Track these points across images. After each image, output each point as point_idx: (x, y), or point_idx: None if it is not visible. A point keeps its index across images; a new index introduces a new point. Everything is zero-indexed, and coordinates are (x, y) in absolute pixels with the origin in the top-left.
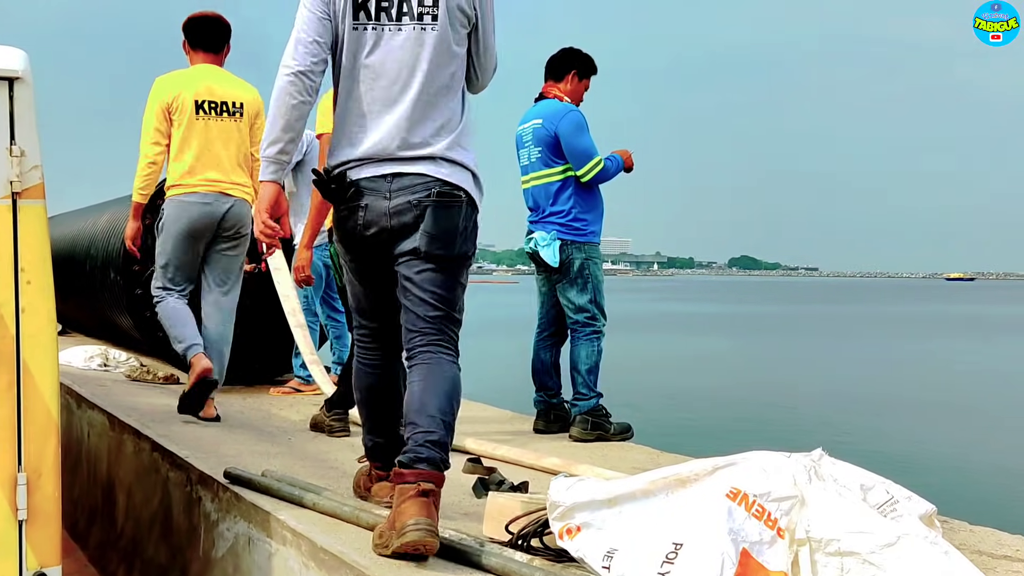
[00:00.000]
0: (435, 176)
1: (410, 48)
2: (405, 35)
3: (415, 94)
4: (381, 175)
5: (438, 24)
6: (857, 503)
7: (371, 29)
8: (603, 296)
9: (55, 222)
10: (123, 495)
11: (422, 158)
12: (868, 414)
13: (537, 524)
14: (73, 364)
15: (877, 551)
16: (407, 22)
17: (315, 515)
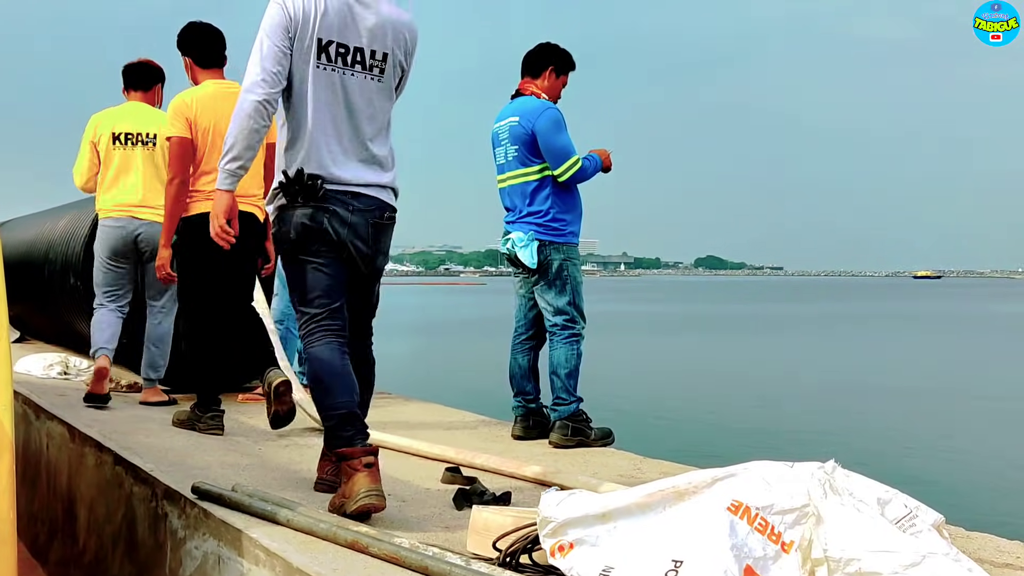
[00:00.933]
0: (385, 200)
1: (363, 91)
2: (358, 80)
3: (367, 129)
4: (345, 191)
5: (384, 76)
6: (876, 519)
7: (331, 70)
8: (582, 298)
9: (10, 226)
10: (84, 510)
11: (375, 184)
12: (849, 412)
13: (527, 541)
14: (32, 373)
15: (901, 572)
16: (359, 71)
17: (289, 532)
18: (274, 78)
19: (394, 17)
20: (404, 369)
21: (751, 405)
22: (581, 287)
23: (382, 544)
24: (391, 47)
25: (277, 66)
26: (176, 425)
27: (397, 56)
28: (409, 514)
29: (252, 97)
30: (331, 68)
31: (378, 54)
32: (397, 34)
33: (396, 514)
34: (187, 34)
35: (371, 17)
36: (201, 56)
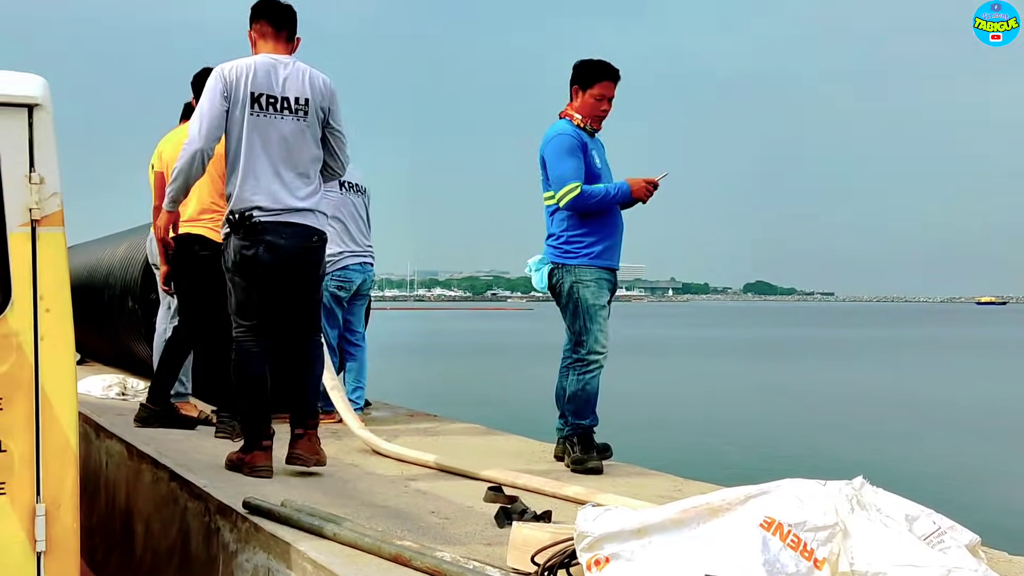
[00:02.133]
0: (314, 226)
1: (292, 132)
2: (287, 123)
3: (296, 163)
4: (279, 222)
5: (308, 118)
6: (903, 534)
7: (263, 116)
8: (595, 322)
9: (73, 252)
10: (141, 525)
11: (305, 210)
12: (897, 438)
13: (564, 555)
14: (92, 393)
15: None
16: (287, 115)
17: (336, 546)
18: (212, 131)
19: (311, 72)
20: (449, 391)
21: (798, 429)
22: (595, 311)
23: (424, 558)
24: (310, 95)
25: (214, 122)
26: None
27: (318, 103)
28: (452, 531)
29: (191, 148)
30: (263, 115)
31: (300, 100)
32: (314, 86)
33: (439, 531)
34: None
35: (291, 73)
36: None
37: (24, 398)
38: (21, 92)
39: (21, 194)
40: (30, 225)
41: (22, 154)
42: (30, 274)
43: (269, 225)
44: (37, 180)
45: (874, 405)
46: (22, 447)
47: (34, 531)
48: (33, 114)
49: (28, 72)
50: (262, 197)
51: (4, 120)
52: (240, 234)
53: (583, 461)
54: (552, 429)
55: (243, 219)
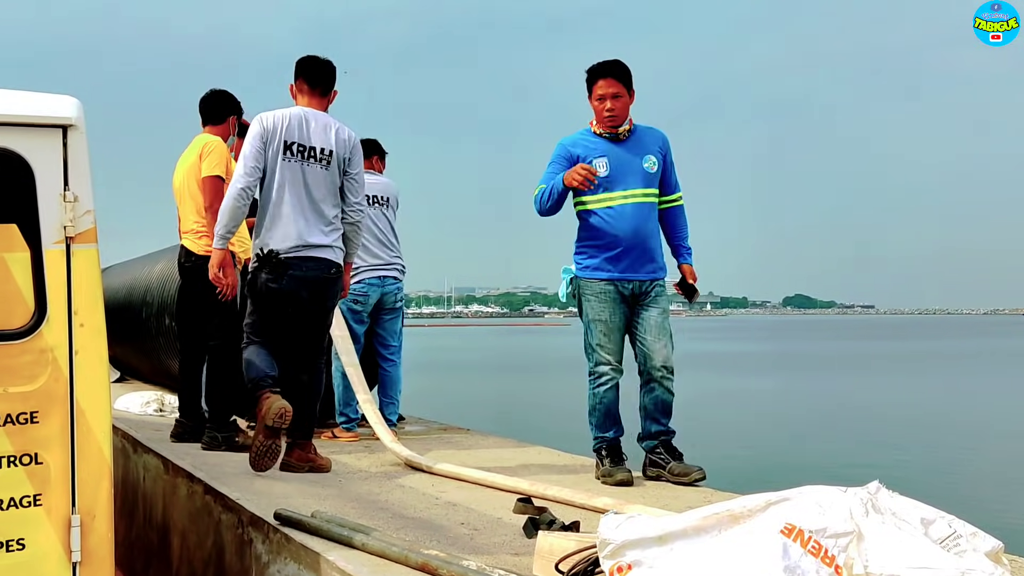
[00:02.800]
0: (332, 259)
1: (316, 177)
2: (313, 169)
3: (318, 205)
4: (301, 256)
5: (330, 168)
6: (918, 537)
7: (293, 162)
8: (594, 335)
9: (113, 271)
10: (178, 538)
11: (324, 246)
12: (929, 448)
13: (587, 563)
14: (130, 410)
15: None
16: (313, 163)
17: (364, 555)
18: (253, 171)
19: (336, 126)
20: (483, 407)
21: (829, 438)
22: (594, 325)
23: (451, 567)
24: (334, 147)
25: (255, 163)
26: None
27: (340, 154)
28: (480, 541)
29: (238, 185)
30: (293, 160)
31: (326, 151)
32: (339, 139)
33: (467, 541)
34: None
35: (320, 126)
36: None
37: (60, 411)
38: (56, 113)
39: (56, 212)
40: (64, 242)
41: (56, 173)
42: (65, 290)
43: (292, 261)
44: (71, 198)
45: (910, 415)
46: (58, 459)
47: (70, 542)
48: (67, 134)
49: (63, 94)
50: (286, 235)
51: (39, 140)
52: (267, 269)
53: (611, 474)
54: (583, 441)
55: (269, 256)
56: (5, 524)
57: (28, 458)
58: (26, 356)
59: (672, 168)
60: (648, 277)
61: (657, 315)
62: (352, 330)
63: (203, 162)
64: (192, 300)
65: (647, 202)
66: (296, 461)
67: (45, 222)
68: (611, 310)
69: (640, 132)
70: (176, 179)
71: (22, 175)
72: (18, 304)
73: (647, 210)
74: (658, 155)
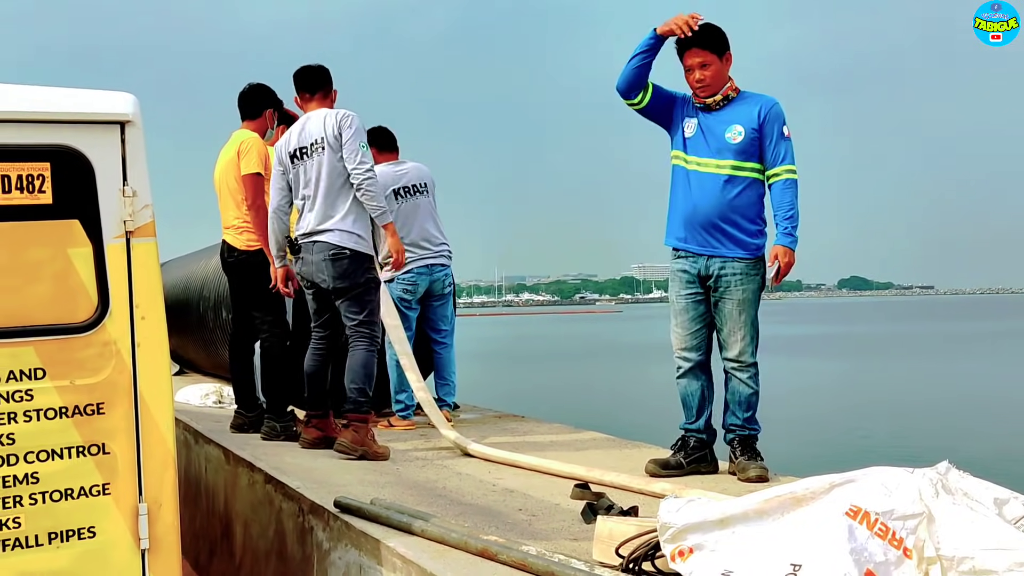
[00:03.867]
0: (331, 242)
1: (317, 169)
2: (313, 164)
3: (324, 194)
4: (309, 241)
5: (325, 152)
6: (991, 517)
7: (300, 166)
8: (671, 318)
9: (172, 265)
10: (240, 527)
11: (327, 230)
12: (997, 430)
13: (648, 547)
14: (190, 402)
15: (1016, 569)
16: (315, 156)
17: (424, 542)
18: (281, 192)
19: (327, 114)
20: (538, 394)
21: (890, 419)
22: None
23: (511, 552)
24: (323, 132)
25: (278, 184)
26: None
27: (329, 134)
28: (538, 527)
29: (270, 208)
30: (300, 164)
31: (317, 140)
32: (326, 124)
33: (525, 527)
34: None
35: (310, 124)
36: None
37: (124, 402)
38: (113, 109)
39: (116, 207)
40: (124, 237)
41: (115, 169)
42: (126, 284)
43: (303, 245)
44: (130, 193)
45: (975, 396)
46: (124, 449)
47: (138, 529)
48: (125, 130)
49: (120, 91)
50: (301, 227)
51: (98, 136)
52: (294, 254)
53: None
54: (640, 428)
55: (292, 243)
56: (76, 512)
57: (96, 448)
58: (91, 349)
59: (772, 139)
60: (713, 253)
61: (731, 305)
62: (405, 318)
63: (241, 160)
64: (237, 294)
65: (721, 174)
66: (351, 443)
67: (106, 217)
68: (679, 288)
69: (741, 100)
70: (216, 175)
71: (83, 172)
72: (82, 298)
73: (720, 183)
74: (749, 124)
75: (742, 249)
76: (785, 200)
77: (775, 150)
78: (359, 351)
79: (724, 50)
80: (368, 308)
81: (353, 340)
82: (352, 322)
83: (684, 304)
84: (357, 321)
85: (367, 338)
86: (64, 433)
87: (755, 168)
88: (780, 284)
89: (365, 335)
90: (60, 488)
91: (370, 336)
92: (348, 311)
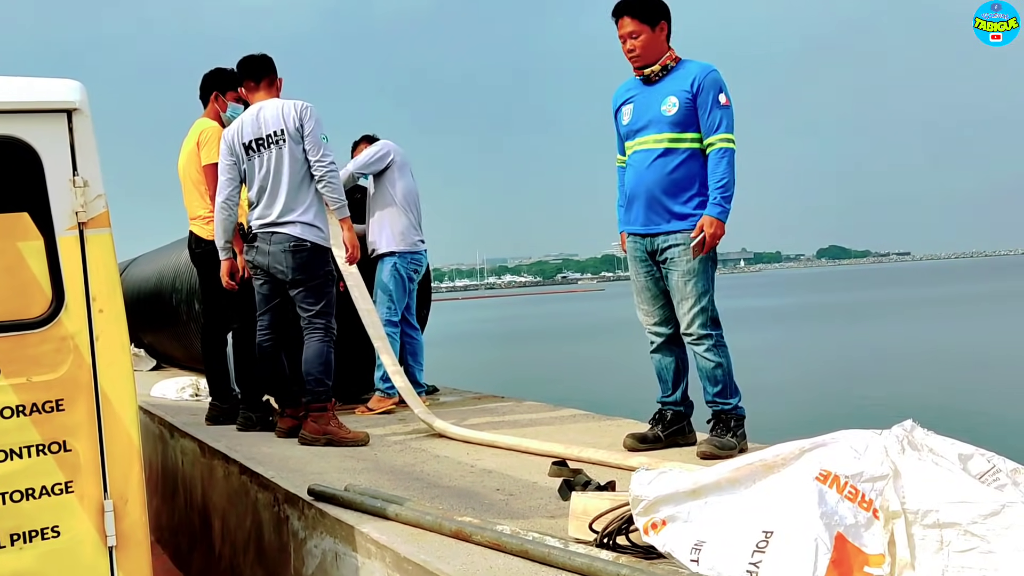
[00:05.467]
0: (291, 233)
1: (276, 162)
2: (272, 156)
3: (282, 186)
4: (266, 232)
5: (286, 144)
6: (955, 472)
7: (256, 158)
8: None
9: (142, 260)
10: (218, 519)
11: (287, 223)
12: (967, 392)
13: (622, 521)
14: (167, 396)
15: (980, 521)
16: (273, 148)
17: (398, 526)
18: (229, 183)
19: (284, 105)
20: (520, 375)
21: (868, 387)
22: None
23: (485, 532)
24: (283, 124)
25: (227, 175)
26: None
27: (291, 125)
28: (515, 506)
29: (218, 200)
30: (256, 156)
31: (276, 131)
32: (285, 114)
33: (503, 507)
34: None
35: (269, 112)
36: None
37: (85, 398)
38: (60, 97)
39: (67, 198)
40: (77, 228)
41: (64, 158)
42: (81, 276)
43: (260, 235)
44: (81, 183)
45: (944, 358)
46: (86, 446)
47: (104, 527)
48: (72, 118)
49: (65, 78)
50: (257, 217)
51: (45, 126)
52: (246, 243)
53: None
54: (618, 404)
55: (245, 233)
56: (39, 512)
57: (57, 446)
58: (47, 344)
59: (707, 108)
60: (656, 231)
61: (676, 277)
62: (402, 300)
63: (201, 151)
64: (207, 285)
65: (657, 148)
66: (311, 433)
67: (56, 209)
68: (635, 268)
69: (678, 69)
70: (179, 166)
71: (29, 162)
72: (36, 293)
73: (656, 157)
74: (683, 94)
75: (681, 221)
76: (718, 170)
77: (710, 118)
78: (314, 342)
79: (656, 20)
80: (324, 300)
81: (308, 332)
82: (308, 313)
83: (643, 283)
84: (313, 312)
85: (322, 329)
86: (22, 432)
87: (695, 138)
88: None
89: (320, 327)
90: (20, 488)
91: (325, 327)
92: (304, 302)
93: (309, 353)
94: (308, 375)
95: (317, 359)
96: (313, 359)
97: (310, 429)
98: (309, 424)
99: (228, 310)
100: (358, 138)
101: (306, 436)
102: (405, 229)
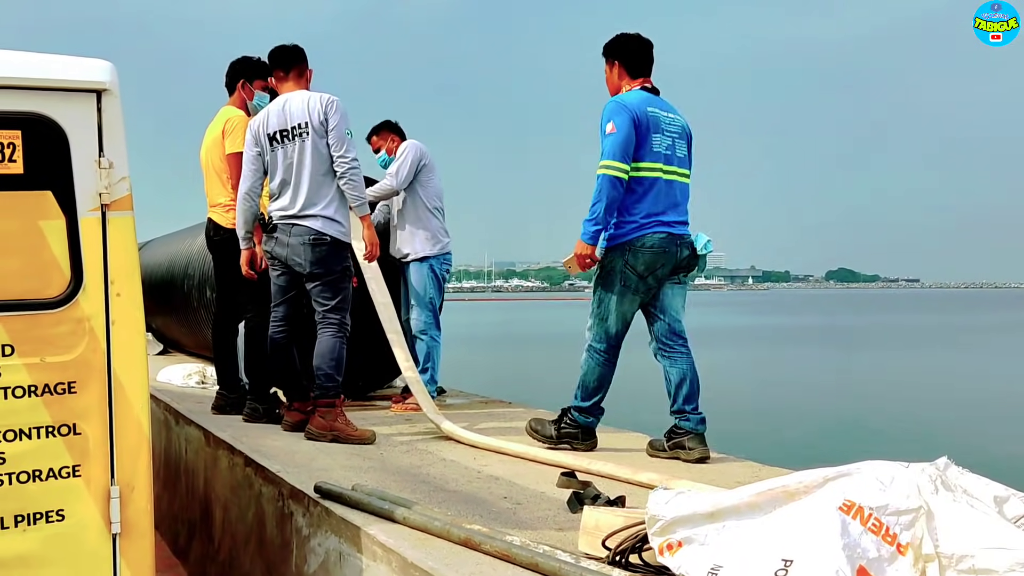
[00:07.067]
0: (312, 227)
1: (299, 154)
2: (296, 147)
3: (304, 178)
4: (286, 224)
5: (309, 137)
6: (991, 515)
7: (281, 149)
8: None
9: (154, 244)
10: (220, 510)
11: (309, 216)
12: (989, 423)
13: (636, 539)
14: (173, 382)
15: (1018, 570)
16: (297, 140)
17: (405, 530)
18: (253, 174)
19: (311, 97)
20: (527, 379)
21: (880, 414)
22: None
23: (494, 541)
24: (308, 117)
25: (253, 166)
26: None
27: (315, 119)
28: (523, 516)
29: (241, 190)
30: (280, 147)
31: (301, 124)
32: (311, 107)
33: (510, 516)
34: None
35: (295, 104)
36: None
37: (97, 382)
38: (89, 77)
39: (91, 179)
40: (100, 210)
41: (91, 139)
42: (101, 259)
43: (280, 226)
44: (106, 165)
45: (963, 390)
46: (96, 430)
47: (109, 513)
48: (102, 99)
49: (96, 59)
50: (279, 209)
51: (73, 105)
52: (266, 233)
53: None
54: (626, 416)
55: (265, 223)
56: (45, 494)
57: (67, 428)
58: (63, 326)
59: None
60: None
61: None
62: (437, 299)
63: (226, 139)
64: (222, 274)
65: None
66: (318, 429)
67: (80, 189)
68: None
69: None
70: (202, 153)
71: (56, 141)
72: (54, 273)
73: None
74: (601, 124)
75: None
76: (593, 194)
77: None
78: (327, 337)
79: (609, 58)
80: (340, 295)
81: (322, 326)
82: (323, 307)
83: None
84: (329, 307)
85: (336, 324)
86: (33, 412)
87: (601, 164)
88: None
89: (334, 322)
90: (28, 469)
91: (339, 323)
92: (320, 296)
93: (321, 348)
94: (319, 370)
95: (329, 354)
96: (325, 354)
97: (317, 425)
98: (316, 419)
99: (241, 299)
100: (377, 123)
101: (312, 431)
102: (436, 231)
